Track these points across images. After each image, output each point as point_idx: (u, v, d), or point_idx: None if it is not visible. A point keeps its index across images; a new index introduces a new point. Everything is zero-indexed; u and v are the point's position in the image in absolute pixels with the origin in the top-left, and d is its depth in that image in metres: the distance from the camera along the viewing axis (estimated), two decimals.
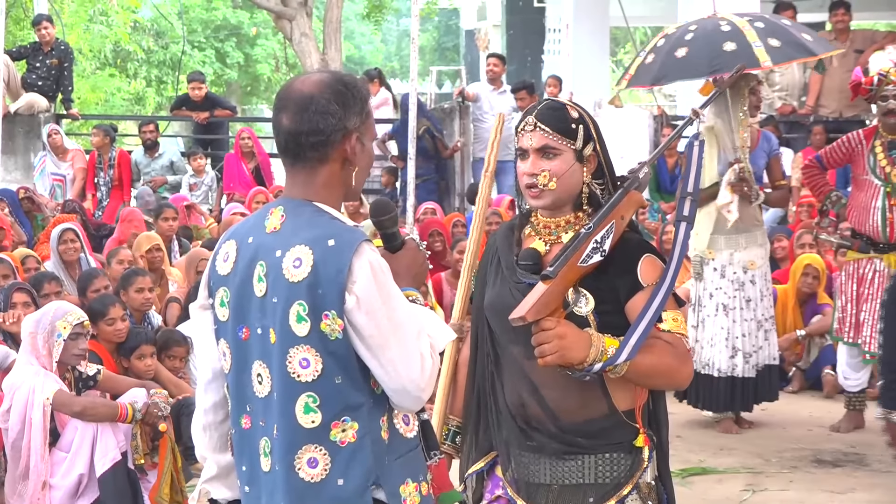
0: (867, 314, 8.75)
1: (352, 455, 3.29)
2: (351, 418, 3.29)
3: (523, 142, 3.79)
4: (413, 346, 3.27)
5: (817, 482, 7.95)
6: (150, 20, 34.69)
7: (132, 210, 13.19)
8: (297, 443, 3.31)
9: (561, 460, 3.75)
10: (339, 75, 3.43)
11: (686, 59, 8.33)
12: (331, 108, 3.32)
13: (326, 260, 3.24)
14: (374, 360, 3.26)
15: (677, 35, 8.59)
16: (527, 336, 3.62)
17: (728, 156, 8.73)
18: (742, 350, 8.88)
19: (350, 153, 3.36)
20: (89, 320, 7.29)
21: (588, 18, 19.81)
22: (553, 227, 3.83)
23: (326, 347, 3.27)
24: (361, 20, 35.66)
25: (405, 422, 3.38)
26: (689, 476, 8.04)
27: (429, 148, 15.44)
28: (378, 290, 3.24)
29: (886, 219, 8.62)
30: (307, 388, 3.29)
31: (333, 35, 21.04)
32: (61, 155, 15.97)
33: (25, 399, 6.82)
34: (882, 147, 8.69)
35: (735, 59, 8.08)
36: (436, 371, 3.33)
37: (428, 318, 3.40)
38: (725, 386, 8.93)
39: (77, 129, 19.11)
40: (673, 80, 8.44)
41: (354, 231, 3.30)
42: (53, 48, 16.92)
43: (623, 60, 42.83)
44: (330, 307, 3.24)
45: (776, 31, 8.43)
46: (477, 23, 34.68)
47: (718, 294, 8.92)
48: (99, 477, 6.86)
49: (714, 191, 8.73)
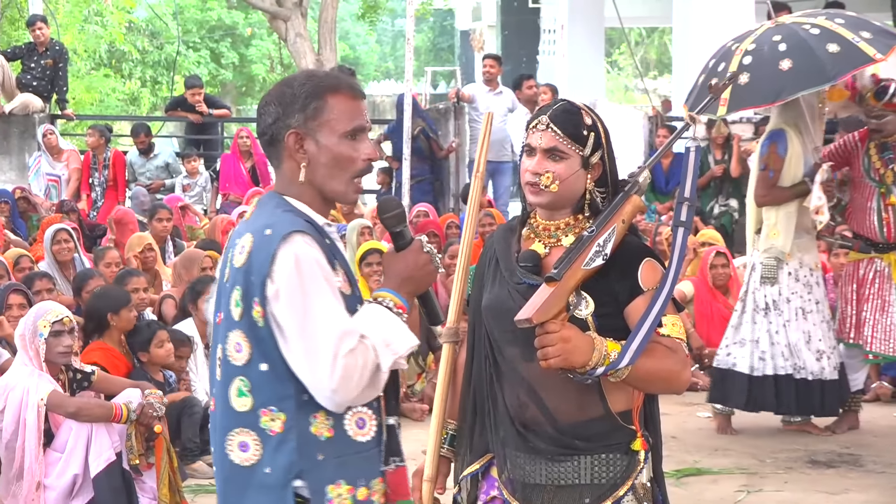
0: (868, 314, 8.75)
1: (277, 446, 3.33)
2: (278, 409, 3.32)
3: (532, 139, 3.76)
4: (324, 346, 3.23)
5: (812, 483, 7.95)
6: (145, 20, 34.67)
7: (126, 212, 13.20)
8: (229, 425, 3.39)
9: (557, 461, 3.73)
10: (296, 75, 3.53)
11: (795, 70, 8.01)
12: (270, 109, 3.45)
13: (260, 247, 3.32)
14: (288, 352, 3.29)
15: (766, 49, 8.19)
16: (525, 338, 3.61)
17: (811, 157, 8.68)
18: (826, 352, 8.75)
19: (291, 150, 3.43)
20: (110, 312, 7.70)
21: (583, 19, 19.87)
22: (553, 230, 3.81)
23: (255, 334, 3.32)
24: (356, 21, 35.66)
25: (359, 425, 3.39)
26: (684, 477, 8.04)
27: (424, 149, 15.43)
28: (300, 282, 3.26)
29: (882, 219, 8.64)
30: (240, 371, 3.36)
31: (328, 35, 21.04)
32: (56, 155, 15.98)
33: (20, 400, 6.81)
34: (876, 149, 8.71)
35: (847, 59, 7.94)
36: (365, 376, 3.27)
37: (382, 324, 3.36)
38: (818, 390, 8.75)
39: (72, 130, 19.11)
40: (792, 93, 8.13)
41: (294, 222, 3.34)
42: (48, 48, 16.92)
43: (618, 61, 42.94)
44: (257, 294, 3.30)
45: (858, 24, 8.23)
46: (472, 23, 34.72)
47: (795, 298, 8.76)
48: (93, 477, 6.86)
49: (800, 190, 8.63)
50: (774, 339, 8.74)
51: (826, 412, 8.95)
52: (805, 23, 8.28)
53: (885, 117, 8.63)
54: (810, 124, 8.68)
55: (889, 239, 8.64)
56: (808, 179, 8.60)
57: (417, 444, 8.81)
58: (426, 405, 9.30)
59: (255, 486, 3.36)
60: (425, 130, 15.47)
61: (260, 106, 3.50)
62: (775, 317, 8.76)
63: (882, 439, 8.91)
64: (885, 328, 8.67)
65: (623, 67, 44.42)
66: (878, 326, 8.71)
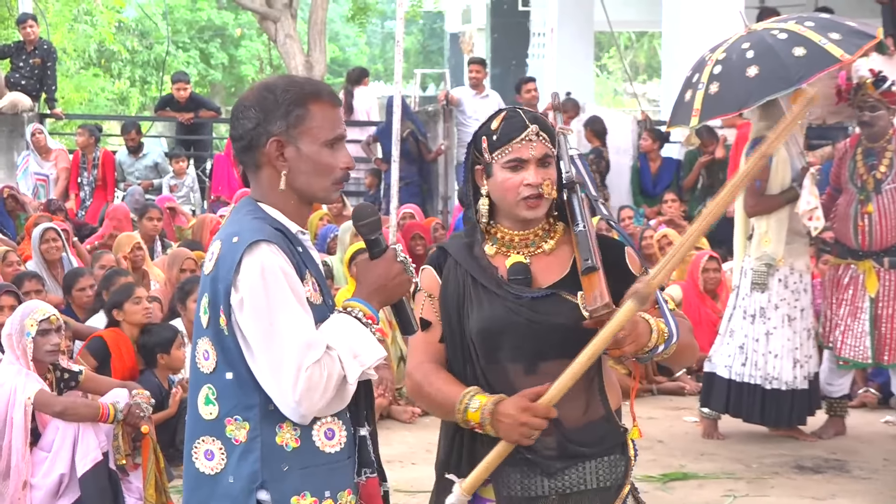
0: (840, 319, 8.79)
1: (242, 455, 3.31)
2: (242, 418, 3.31)
3: (524, 152, 3.68)
4: (288, 358, 3.21)
5: (798, 488, 7.96)
6: (135, 20, 34.63)
7: (119, 206, 13.22)
8: (196, 432, 3.39)
9: (561, 470, 3.67)
10: (276, 80, 3.48)
11: (762, 76, 8.00)
12: (249, 114, 3.39)
13: (226, 256, 3.31)
14: (253, 363, 3.27)
15: (735, 57, 8.21)
16: (530, 353, 3.62)
17: (797, 162, 8.68)
18: (799, 361, 8.78)
19: (271, 157, 3.38)
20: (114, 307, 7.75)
21: (572, 22, 19.88)
22: (531, 238, 3.76)
23: (221, 342, 3.32)
24: (346, 22, 35.61)
25: (327, 436, 3.35)
26: (669, 481, 8.05)
27: (412, 151, 15.45)
28: (264, 291, 3.23)
29: (857, 226, 8.67)
30: (207, 379, 3.36)
31: (318, 37, 21.00)
32: (45, 154, 15.95)
33: (6, 399, 6.81)
34: (862, 155, 8.75)
35: (813, 62, 7.91)
36: (330, 388, 3.25)
37: (349, 335, 3.33)
38: (789, 399, 8.80)
39: (61, 129, 19.08)
40: (758, 100, 8.14)
41: (261, 230, 3.30)
42: (37, 47, 16.89)
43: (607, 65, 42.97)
44: (222, 302, 3.29)
45: (829, 25, 8.19)
46: (461, 26, 34.69)
47: (783, 305, 8.78)
48: (80, 477, 6.86)
49: (790, 196, 8.64)
50: (755, 346, 8.76)
51: (795, 422, 8.99)
52: (774, 28, 8.28)
53: (879, 110, 8.63)
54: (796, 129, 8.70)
55: (863, 247, 8.66)
56: (797, 184, 8.61)
57: (405, 445, 8.84)
58: (418, 408, 9.30)
59: (218, 495, 3.34)
60: (414, 133, 15.49)
61: (237, 109, 3.44)
62: (760, 324, 8.77)
63: (868, 445, 8.93)
64: (856, 335, 8.71)
65: (612, 71, 44.43)
66: (848, 332, 8.75)
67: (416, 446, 8.63)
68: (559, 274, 3.72)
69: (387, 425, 9.23)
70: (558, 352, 3.63)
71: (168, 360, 8.13)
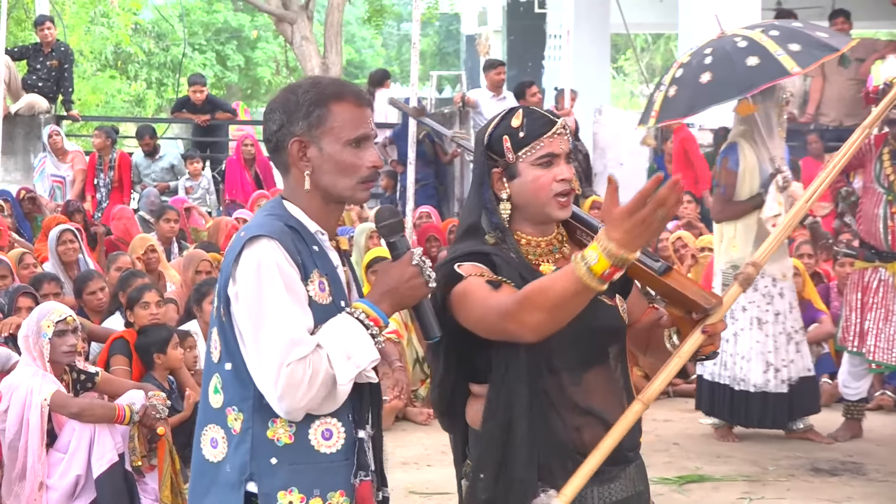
0: (871, 323, 8.74)
1: (237, 445, 3.36)
2: (238, 409, 3.36)
3: (555, 146, 3.58)
4: (272, 352, 3.24)
5: (814, 491, 7.95)
6: (151, 22, 34.73)
7: (122, 208, 13.25)
8: (204, 420, 3.45)
9: (610, 478, 3.58)
10: (301, 82, 3.53)
11: (713, 83, 8.06)
12: (274, 117, 3.45)
13: (231, 248, 3.40)
14: (245, 355, 3.31)
15: (695, 62, 8.30)
16: (573, 361, 3.52)
17: (767, 168, 8.68)
18: (774, 365, 8.81)
19: (295, 159, 3.43)
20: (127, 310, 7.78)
21: (589, 25, 19.86)
22: (555, 244, 3.66)
23: (224, 333, 3.38)
24: (362, 24, 35.69)
25: (324, 436, 3.36)
26: (685, 483, 8.04)
27: (428, 153, 15.46)
28: (257, 285, 3.28)
29: (888, 227, 8.63)
30: (216, 368, 3.42)
31: (334, 39, 21.04)
32: (61, 156, 15.99)
33: (23, 400, 6.83)
34: (889, 155, 8.69)
35: (762, 72, 7.93)
36: (315, 386, 3.24)
37: (345, 336, 3.31)
38: (759, 401, 8.86)
39: (77, 131, 19.14)
40: (705, 107, 8.20)
41: (267, 225, 3.35)
42: (54, 49, 16.94)
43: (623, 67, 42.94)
44: (223, 293, 3.37)
45: (793, 36, 8.17)
46: (478, 28, 34.65)
47: (752, 308, 8.82)
48: (96, 478, 6.87)
49: (756, 202, 8.67)
50: (724, 347, 8.78)
51: (773, 425, 9.02)
52: (740, 35, 8.30)
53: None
54: (766, 136, 8.69)
55: (893, 248, 8.62)
56: (764, 190, 8.64)
57: (420, 447, 8.84)
58: (428, 412, 9.30)
59: (218, 482, 3.39)
60: (430, 135, 15.49)
61: (266, 112, 3.51)
62: (729, 325, 8.79)
63: (885, 448, 8.90)
64: (889, 337, 8.67)
65: (628, 73, 44.43)
66: (881, 336, 8.71)
67: (432, 448, 8.61)
68: None
69: (402, 427, 9.23)
70: (599, 358, 3.58)
71: (165, 360, 8.07)
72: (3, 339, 7.98)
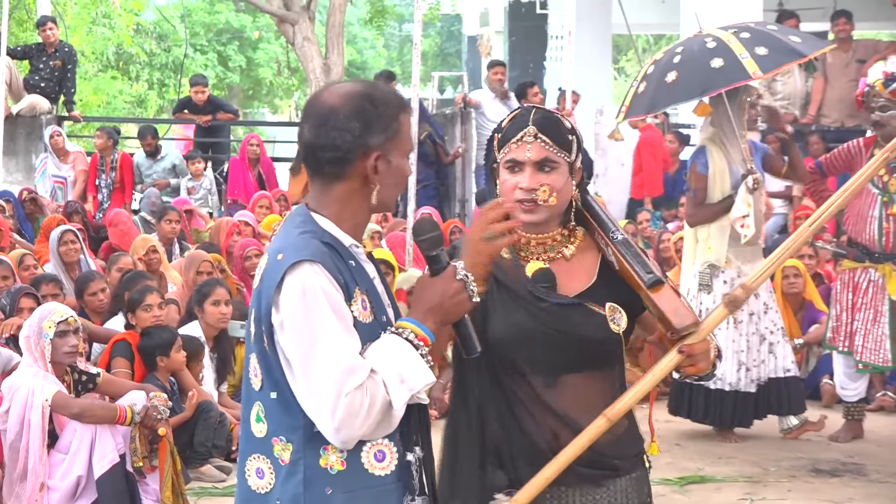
0: (860, 323, 8.75)
1: (286, 477, 3.20)
2: (286, 439, 3.20)
3: (519, 154, 3.54)
4: (327, 383, 3.06)
5: (815, 491, 7.95)
6: (153, 23, 34.70)
7: (117, 212, 13.25)
8: (248, 449, 3.30)
9: (594, 488, 3.56)
10: (369, 89, 3.29)
11: (676, 83, 8.18)
12: (349, 125, 3.20)
13: (270, 273, 3.19)
14: (295, 385, 3.15)
15: (665, 60, 8.44)
16: (548, 365, 3.50)
17: (738, 168, 8.69)
18: (745, 364, 8.85)
19: (370, 172, 3.23)
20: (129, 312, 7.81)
21: (590, 25, 19.84)
22: (549, 243, 3.62)
23: (265, 360, 3.22)
24: (364, 25, 35.71)
25: (377, 458, 3.21)
26: (687, 484, 8.05)
27: (430, 153, 15.45)
28: (304, 313, 3.10)
29: (882, 228, 8.63)
30: (257, 396, 3.26)
31: (336, 40, 21.02)
32: (63, 157, 16.00)
33: (24, 400, 6.83)
34: None
35: (724, 75, 8.03)
36: (373, 413, 3.08)
37: (397, 358, 3.15)
38: (732, 400, 8.90)
39: (79, 132, 19.13)
40: (664, 106, 8.31)
41: (306, 247, 3.16)
42: (57, 49, 16.94)
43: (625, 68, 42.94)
44: (264, 321, 3.18)
45: (763, 39, 8.26)
46: (479, 29, 34.65)
47: None
48: (97, 479, 6.88)
49: (727, 204, 8.70)
50: None
51: (737, 424, 9.08)
52: (711, 35, 8.40)
53: (891, 110, 8.61)
54: (733, 137, 8.69)
55: (887, 249, 8.62)
56: (735, 192, 8.67)
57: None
58: (435, 412, 9.29)
59: None
60: (432, 135, 15.50)
61: (329, 117, 3.22)
62: None
63: (886, 449, 8.90)
64: (876, 338, 8.68)
65: (630, 74, 44.37)
66: (868, 336, 8.72)
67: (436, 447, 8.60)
68: (584, 283, 3.58)
69: None
70: (580, 365, 3.53)
71: (167, 363, 8.08)
72: (5, 340, 8.00)
